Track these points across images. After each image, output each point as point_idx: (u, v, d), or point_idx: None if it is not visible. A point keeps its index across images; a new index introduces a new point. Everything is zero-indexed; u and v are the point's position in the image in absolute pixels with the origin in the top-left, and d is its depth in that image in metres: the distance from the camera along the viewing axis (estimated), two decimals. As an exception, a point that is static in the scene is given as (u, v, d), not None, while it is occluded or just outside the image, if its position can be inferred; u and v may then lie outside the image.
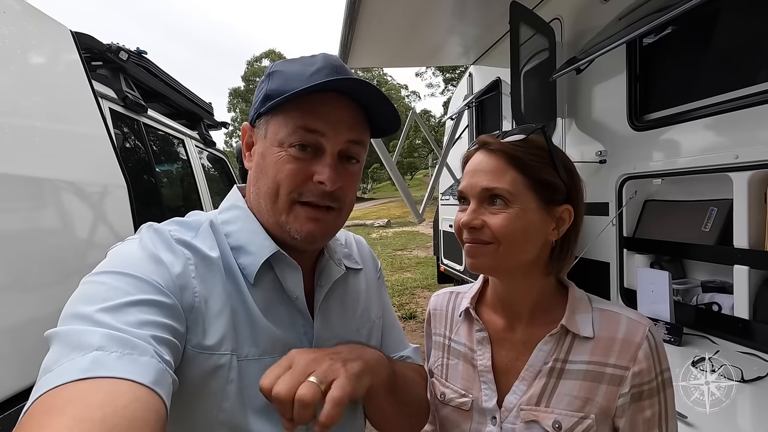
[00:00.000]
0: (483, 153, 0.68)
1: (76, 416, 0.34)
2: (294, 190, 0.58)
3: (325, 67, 0.59)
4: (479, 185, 0.65)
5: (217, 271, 0.57)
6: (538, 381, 0.66)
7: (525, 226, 0.64)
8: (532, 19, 2.17)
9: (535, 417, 0.64)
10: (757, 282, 1.37)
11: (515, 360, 0.70)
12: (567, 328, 0.66)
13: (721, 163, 1.44)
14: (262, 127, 0.61)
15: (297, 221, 0.59)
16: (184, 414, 0.52)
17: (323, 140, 0.58)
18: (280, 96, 0.56)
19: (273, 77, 0.61)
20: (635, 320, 0.65)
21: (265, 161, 0.60)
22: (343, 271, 0.71)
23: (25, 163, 1.23)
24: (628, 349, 0.62)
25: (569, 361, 0.65)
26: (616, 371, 0.62)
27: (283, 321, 0.61)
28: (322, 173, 0.57)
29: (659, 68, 1.78)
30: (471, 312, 0.76)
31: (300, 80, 0.57)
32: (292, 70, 0.60)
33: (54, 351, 0.40)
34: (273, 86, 0.59)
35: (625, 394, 0.61)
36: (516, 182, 0.64)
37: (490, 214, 0.64)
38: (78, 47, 1.63)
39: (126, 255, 0.52)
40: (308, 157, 0.58)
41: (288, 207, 0.59)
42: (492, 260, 0.65)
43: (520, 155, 0.64)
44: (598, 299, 0.70)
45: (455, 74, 29.24)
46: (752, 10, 1.46)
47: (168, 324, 0.47)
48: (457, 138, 3.93)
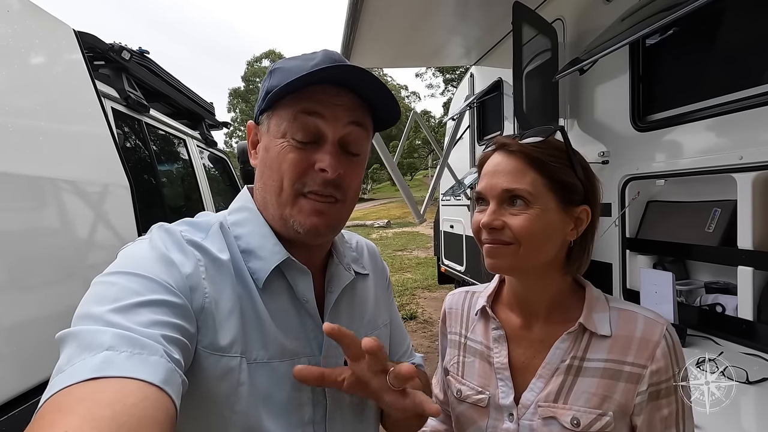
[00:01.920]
0: (502, 154, 0.68)
1: (86, 414, 0.34)
2: (297, 180, 0.58)
3: (324, 60, 0.59)
4: (499, 186, 0.65)
5: (227, 273, 0.56)
6: (555, 378, 0.67)
7: (545, 226, 0.65)
8: (535, 20, 2.17)
9: (554, 413, 0.65)
10: (762, 283, 1.36)
11: (532, 358, 0.70)
12: (585, 327, 0.66)
13: (725, 164, 1.43)
14: (264, 123, 0.62)
15: (301, 214, 0.59)
16: (197, 414, 0.52)
17: (322, 124, 0.58)
18: (279, 88, 0.57)
19: (274, 74, 0.61)
20: (653, 319, 0.65)
21: (269, 154, 0.60)
22: (352, 276, 0.71)
23: (29, 162, 1.23)
24: (646, 348, 0.63)
25: (587, 359, 0.66)
26: (634, 369, 0.63)
27: (293, 325, 0.61)
28: (324, 160, 0.57)
29: (662, 69, 1.78)
30: (487, 310, 0.76)
31: (299, 74, 0.57)
32: (292, 66, 0.60)
33: (66, 352, 0.41)
34: (273, 82, 0.60)
35: (643, 392, 0.62)
36: (536, 183, 0.64)
37: (510, 215, 0.65)
38: (81, 46, 1.63)
39: (137, 255, 0.52)
40: (310, 147, 0.58)
41: (292, 199, 0.59)
42: (512, 261, 0.66)
43: (539, 156, 0.65)
44: (615, 299, 0.71)
45: (455, 75, 29.27)
46: (756, 11, 1.46)
47: (178, 324, 0.47)
48: (458, 139, 3.93)
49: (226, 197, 3.80)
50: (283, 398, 0.57)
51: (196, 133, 3.49)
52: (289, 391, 0.58)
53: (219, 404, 0.52)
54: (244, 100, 45.24)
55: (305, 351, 0.61)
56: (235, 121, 44.54)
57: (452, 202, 4.41)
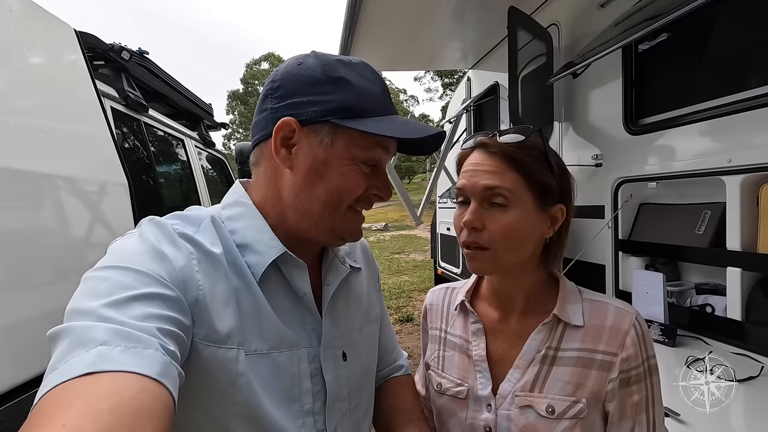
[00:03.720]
0: (482, 153, 0.69)
1: (84, 407, 0.34)
2: (356, 200, 0.62)
3: (383, 87, 0.63)
4: (481, 183, 0.66)
5: (221, 266, 0.56)
6: (531, 368, 0.68)
7: (524, 227, 0.66)
8: (530, 25, 2.20)
9: (529, 402, 0.67)
10: (750, 284, 1.39)
11: (509, 350, 0.72)
12: (559, 318, 0.68)
13: (715, 166, 1.46)
14: (324, 134, 0.59)
15: (352, 225, 0.64)
16: (197, 405, 0.53)
17: (386, 158, 0.64)
18: (359, 114, 0.58)
19: (342, 86, 0.59)
20: (622, 309, 0.67)
21: (328, 170, 0.59)
22: (348, 270, 0.72)
23: (31, 159, 1.24)
24: (616, 336, 0.65)
25: (561, 348, 0.67)
26: (605, 357, 0.64)
27: (291, 317, 0.61)
28: (381, 189, 0.64)
29: (654, 73, 1.81)
30: (466, 305, 0.78)
31: (373, 101, 0.60)
32: (360, 85, 0.60)
33: (59, 348, 0.40)
34: (347, 99, 0.58)
35: (614, 379, 0.64)
36: (516, 183, 0.66)
37: (490, 216, 0.66)
38: (81, 46, 1.65)
39: (127, 249, 0.52)
40: (371, 173, 0.63)
41: (344, 213, 0.62)
42: (491, 264, 0.68)
43: (520, 157, 0.66)
44: (588, 291, 0.73)
45: (453, 79, 29.35)
46: (745, 17, 1.49)
47: (173, 317, 0.47)
48: (455, 142, 3.96)
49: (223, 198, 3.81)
50: (283, 388, 0.58)
51: (195, 134, 3.50)
52: (289, 381, 0.59)
53: (218, 394, 0.53)
54: (242, 102, 45.21)
55: (304, 342, 0.62)
56: (233, 123, 44.51)
57: (449, 205, 4.44)
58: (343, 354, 0.67)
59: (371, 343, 0.77)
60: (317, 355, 0.63)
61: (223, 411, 0.53)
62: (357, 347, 0.70)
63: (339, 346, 0.66)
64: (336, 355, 0.65)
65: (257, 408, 0.54)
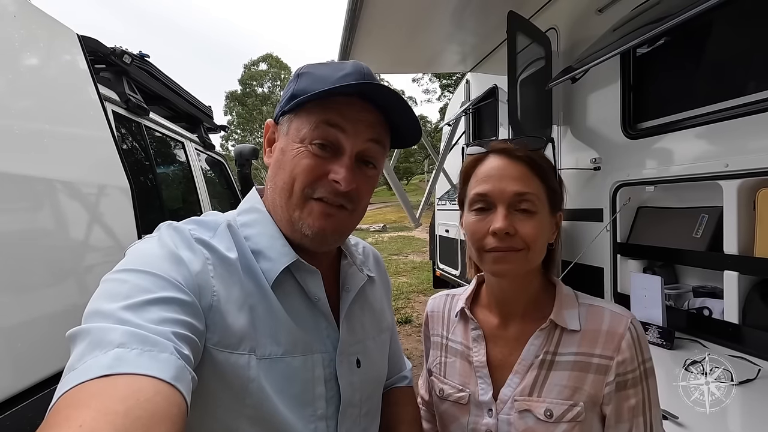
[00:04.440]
0: (504, 159, 0.70)
1: (101, 409, 0.35)
2: (308, 185, 0.59)
3: (353, 72, 0.60)
4: (510, 190, 0.67)
5: (235, 271, 0.57)
6: (530, 373, 0.70)
7: (545, 232, 0.69)
8: (529, 29, 2.21)
9: (528, 406, 0.68)
10: (747, 287, 1.40)
11: (509, 355, 0.73)
12: (555, 323, 0.70)
13: (712, 171, 1.48)
14: (285, 124, 0.63)
15: (310, 216, 0.60)
16: (209, 408, 0.53)
17: (343, 137, 0.59)
18: (306, 95, 0.58)
19: (301, 78, 0.62)
20: (618, 313, 0.69)
21: (284, 156, 0.61)
22: (366, 278, 0.73)
23: (34, 163, 1.25)
24: (612, 340, 0.66)
25: (558, 353, 0.69)
26: (602, 361, 0.66)
27: (305, 321, 0.62)
28: (338, 173, 0.58)
29: (652, 78, 1.83)
30: (466, 312, 0.79)
31: (327, 82, 0.58)
32: (320, 73, 0.61)
33: (78, 349, 0.41)
34: (300, 86, 0.60)
35: (611, 383, 0.65)
36: (539, 189, 0.68)
37: (519, 222, 0.67)
38: (84, 50, 1.66)
39: (146, 253, 0.53)
40: (327, 156, 0.59)
41: (302, 202, 0.60)
42: (521, 265, 0.68)
43: (542, 164, 0.69)
44: (584, 295, 0.74)
45: (452, 81, 29.41)
46: (742, 24, 1.51)
47: (188, 321, 0.48)
48: (454, 144, 3.98)
49: (223, 200, 3.81)
50: (296, 392, 0.58)
51: (195, 136, 3.50)
52: (302, 386, 0.59)
53: (230, 398, 0.53)
54: (241, 103, 45.16)
55: (319, 347, 0.62)
56: (231, 124, 44.46)
57: (448, 206, 4.45)
58: (357, 361, 0.67)
59: (383, 352, 0.78)
60: (332, 360, 0.63)
61: (234, 415, 0.54)
62: (371, 355, 0.71)
63: (354, 353, 0.67)
64: (351, 362, 0.66)
65: (269, 412, 0.55)
